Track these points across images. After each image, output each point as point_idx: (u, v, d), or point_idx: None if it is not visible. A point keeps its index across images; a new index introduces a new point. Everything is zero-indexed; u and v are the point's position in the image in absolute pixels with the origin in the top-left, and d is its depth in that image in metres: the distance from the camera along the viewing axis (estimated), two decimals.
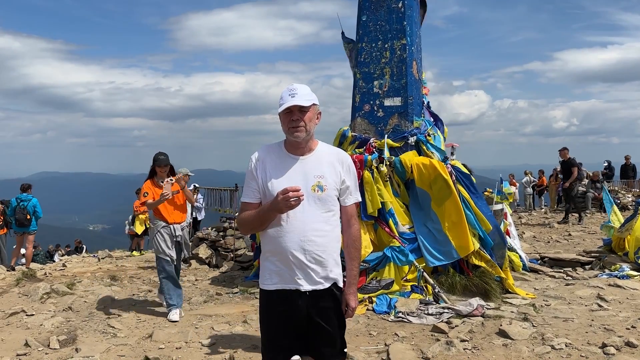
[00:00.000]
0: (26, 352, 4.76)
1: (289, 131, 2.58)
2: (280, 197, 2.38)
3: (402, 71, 7.13)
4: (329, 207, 2.63)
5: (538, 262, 8.42)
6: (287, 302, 2.60)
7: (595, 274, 7.27)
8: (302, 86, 2.58)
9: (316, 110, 2.63)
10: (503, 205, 8.48)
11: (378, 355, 4.39)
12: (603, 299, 5.85)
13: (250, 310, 5.91)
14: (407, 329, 5.01)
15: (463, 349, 4.40)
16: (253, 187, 2.66)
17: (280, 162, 2.64)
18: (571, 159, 13.71)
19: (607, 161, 19.76)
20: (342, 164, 2.69)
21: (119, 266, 10.31)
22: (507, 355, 4.28)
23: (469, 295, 5.91)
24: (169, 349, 4.75)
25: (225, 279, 8.12)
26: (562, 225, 13.78)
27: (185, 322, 5.64)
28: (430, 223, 6.47)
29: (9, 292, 7.38)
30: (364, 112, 7.30)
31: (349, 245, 2.74)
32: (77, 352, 4.69)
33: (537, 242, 11.53)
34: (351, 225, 2.74)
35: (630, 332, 4.71)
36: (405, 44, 7.12)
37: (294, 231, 2.56)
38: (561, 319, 5.16)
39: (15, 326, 5.68)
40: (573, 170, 13.56)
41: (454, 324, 5.02)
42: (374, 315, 5.49)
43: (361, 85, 7.36)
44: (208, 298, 6.77)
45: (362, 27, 7.39)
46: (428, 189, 6.49)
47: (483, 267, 6.26)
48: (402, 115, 7.10)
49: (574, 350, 4.32)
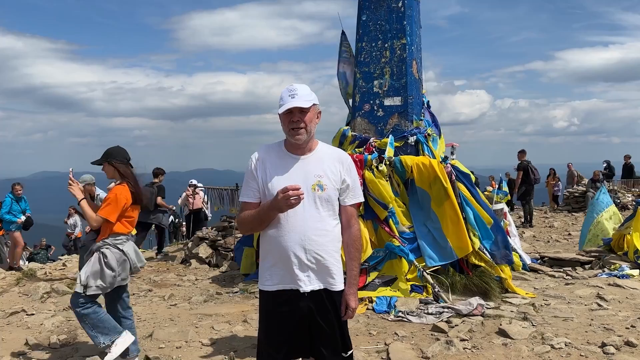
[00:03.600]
0: (26, 352, 4.77)
1: (289, 132, 2.58)
2: (280, 196, 2.38)
3: (402, 71, 7.14)
4: (329, 206, 2.63)
5: (538, 261, 8.42)
6: (287, 303, 2.60)
7: (595, 274, 7.27)
8: (302, 86, 2.58)
9: (316, 110, 2.64)
10: (503, 204, 8.50)
11: (378, 355, 4.40)
12: (603, 298, 5.86)
13: (250, 309, 5.91)
14: (407, 329, 5.01)
15: (463, 349, 4.40)
16: (253, 187, 2.66)
17: (280, 161, 2.64)
18: (523, 162, 13.73)
19: (607, 161, 19.76)
20: (342, 163, 2.70)
21: None
22: (507, 354, 4.29)
23: (468, 294, 5.92)
24: (169, 348, 4.75)
25: (225, 278, 8.12)
26: (562, 225, 13.79)
27: (185, 321, 5.64)
28: (429, 223, 6.47)
29: (9, 291, 7.39)
30: (363, 111, 7.31)
31: (349, 245, 2.74)
32: (77, 352, 4.70)
33: (536, 242, 11.54)
34: (351, 225, 2.74)
35: (629, 332, 4.71)
36: (405, 44, 7.13)
37: (294, 230, 2.56)
38: (561, 318, 5.17)
39: (15, 325, 5.68)
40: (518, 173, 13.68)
41: (453, 324, 5.02)
42: (374, 315, 5.50)
43: (361, 85, 7.36)
44: (208, 297, 6.78)
45: (362, 26, 7.40)
46: (428, 188, 6.50)
47: (483, 267, 6.27)
48: (402, 115, 7.10)
49: (574, 349, 4.33)
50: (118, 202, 4.13)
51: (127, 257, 4.24)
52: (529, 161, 13.72)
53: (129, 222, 4.34)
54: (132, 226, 4.40)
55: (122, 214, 4.21)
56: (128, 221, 4.32)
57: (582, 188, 17.17)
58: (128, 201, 4.22)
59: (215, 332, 5.16)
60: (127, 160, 4.36)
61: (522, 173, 13.62)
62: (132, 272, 4.38)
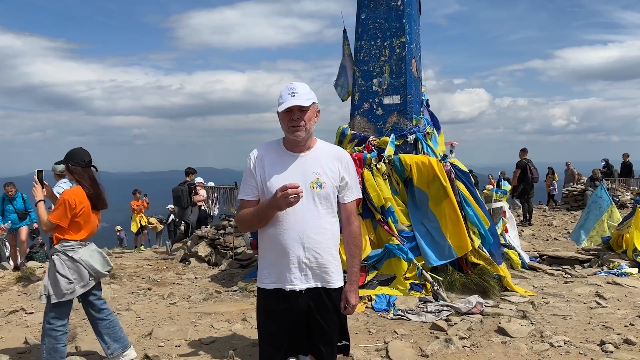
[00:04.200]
0: (26, 350, 4.77)
1: (289, 130, 2.58)
2: (279, 194, 2.38)
3: (401, 69, 7.13)
4: (328, 204, 2.64)
5: (537, 260, 8.44)
6: (285, 301, 2.61)
7: (594, 272, 7.29)
8: (302, 85, 2.59)
9: (315, 109, 2.64)
10: (502, 203, 8.51)
11: (377, 353, 4.40)
12: (601, 296, 5.86)
13: (249, 308, 5.91)
14: (406, 327, 5.02)
15: (462, 347, 4.40)
16: (251, 185, 2.67)
17: (279, 159, 2.64)
18: (522, 160, 13.73)
19: (605, 159, 19.78)
20: (340, 161, 2.70)
21: (118, 264, 10.30)
22: (506, 352, 4.29)
23: (468, 293, 5.92)
24: (168, 347, 4.76)
25: (224, 277, 8.13)
26: (561, 223, 13.81)
27: (184, 320, 5.64)
28: (427, 222, 6.47)
29: (9, 290, 7.39)
30: (363, 110, 7.31)
31: (349, 243, 2.75)
32: (77, 350, 4.70)
33: (535, 240, 11.56)
34: (351, 222, 2.74)
35: (628, 330, 4.72)
36: (404, 42, 7.12)
37: (293, 228, 2.56)
38: (560, 316, 5.17)
39: (14, 324, 5.69)
40: (515, 171, 13.68)
41: (453, 322, 5.02)
42: (373, 313, 5.50)
43: (360, 84, 7.36)
44: (207, 296, 6.78)
45: (362, 25, 7.39)
46: (426, 188, 6.49)
47: (482, 265, 6.28)
48: (401, 114, 7.10)
49: (573, 347, 4.33)
50: (68, 206, 3.95)
51: (82, 264, 4.02)
52: (528, 160, 13.72)
53: (85, 227, 4.10)
54: (89, 232, 4.14)
55: (74, 218, 4.01)
56: (83, 226, 4.09)
57: (581, 186, 17.19)
58: (82, 204, 4.02)
59: (215, 331, 5.17)
60: (85, 162, 4.16)
61: (519, 171, 13.62)
62: (95, 278, 4.17)
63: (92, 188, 4.13)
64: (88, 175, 4.16)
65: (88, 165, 4.19)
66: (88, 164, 4.19)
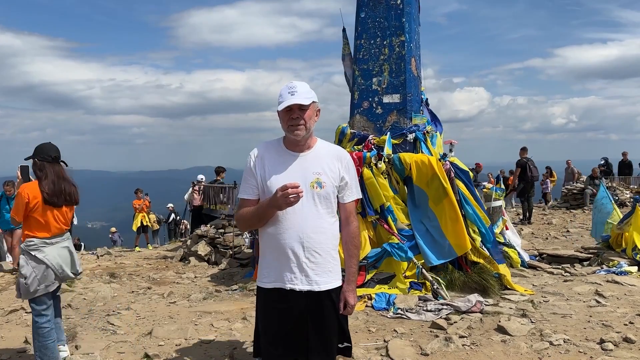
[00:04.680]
0: (26, 350, 4.77)
1: (289, 129, 2.58)
2: (279, 193, 2.38)
3: (400, 68, 7.13)
4: (328, 203, 2.64)
5: (536, 258, 8.44)
6: (284, 301, 2.61)
7: (594, 270, 7.29)
8: (302, 84, 2.59)
9: (315, 108, 2.64)
10: (502, 201, 8.51)
11: (377, 352, 4.41)
12: (601, 295, 5.87)
13: (249, 307, 5.92)
14: (406, 325, 5.02)
15: (462, 345, 4.41)
16: (251, 184, 2.67)
17: (279, 158, 2.64)
18: (522, 159, 13.73)
19: (604, 158, 19.77)
20: (340, 161, 2.70)
21: (118, 263, 10.31)
22: (506, 351, 4.30)
23: (467, 291, 5.92)
24: (168, 345, 4.76)
25: (224, 276, 8.13)
26: (560, 222, 13.81)
27: (184, 319, 5.65)
28: (427, 221, 6.47)
29: (8, 289, 7.39)
30: (362, 109, 7.30)
31: (348, 243, 2.75)
32: (77, 350, 4.70)
33: (535, 239, 11.56)
34: (350, 222, 2.75)
35: (628, 328, 4.72)
36: (404, 41, 7.12)
37: (293, 228, 2.56)
38: (559, 315, 5.18)
39: (14, 323, 5.69)
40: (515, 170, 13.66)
41: (452, 320, 5.03)
42: (373, 312, 5.50)
43: (360, 83, 7.36)
44: (207, 295, 6.78)
45: (361, 23, 7.39)
46: (425, 187, 6.49)
47: (482, 264, 6.28)
48: (401, 112, 7.10)
49: (572, 346, 4.34)
50: (21, 200, 3.90)
51: (46, 264, 3.93)
52: (528, 159, 13.72)
53: (44, 224, 3.97)
54: (49, 230, 4.00)
55: (30, 214, 3.92)
56: (44, 223, 3.97)
57: (580, 185, 17.20)
58: (35, 200, 3.92)
59: (215, 330, 5.17)
60: (52, 157, 4.06)
61: (519, 170, 13.64)
62: (62, 279, 4.09)
63: (53, 184, 4.01)
64: (54, 171, 4.06)
65: (55, 161, 4.10)
66: (55, 159, 4.10)
